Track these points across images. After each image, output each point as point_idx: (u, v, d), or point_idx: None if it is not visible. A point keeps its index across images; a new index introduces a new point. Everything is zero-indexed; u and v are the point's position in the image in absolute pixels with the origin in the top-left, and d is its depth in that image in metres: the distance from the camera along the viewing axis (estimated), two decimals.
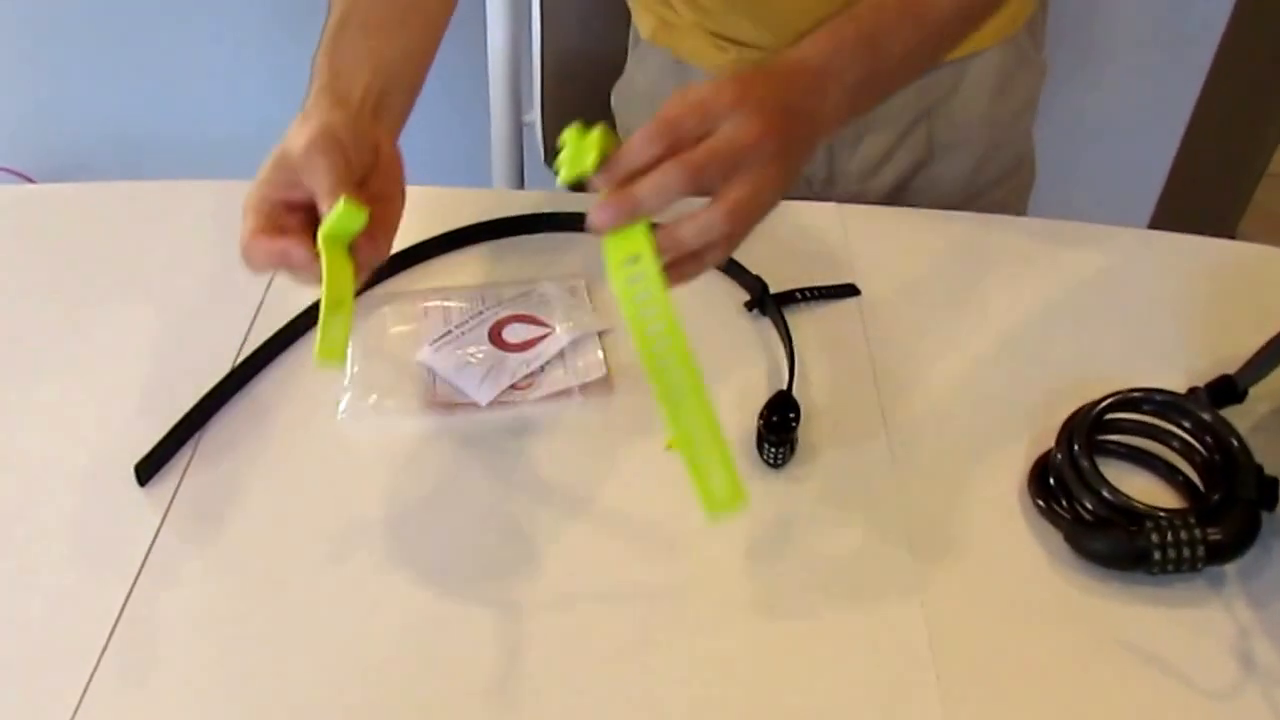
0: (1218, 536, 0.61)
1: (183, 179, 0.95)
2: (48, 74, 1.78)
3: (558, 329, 0.78)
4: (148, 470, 0.70)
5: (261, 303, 0.82)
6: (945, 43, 0.75)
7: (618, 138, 0.58)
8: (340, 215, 0.58)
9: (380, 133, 0.68)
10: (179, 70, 1.74)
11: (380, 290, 0.82)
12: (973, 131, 0.99)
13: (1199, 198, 1.71)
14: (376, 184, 0.65)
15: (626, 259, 0.56)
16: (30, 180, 1.86)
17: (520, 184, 1.46)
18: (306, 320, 0.80)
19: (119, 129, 1.82)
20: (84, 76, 1.77)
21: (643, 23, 1.03)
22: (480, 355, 0.76)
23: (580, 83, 1.20)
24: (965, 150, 1.00)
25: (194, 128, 1.77)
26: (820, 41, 0.66)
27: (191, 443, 0.72)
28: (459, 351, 0.76)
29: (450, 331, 0.78)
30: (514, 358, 0.76)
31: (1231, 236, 1.74)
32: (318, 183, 0.60)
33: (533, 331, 0.78)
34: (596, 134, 0.57)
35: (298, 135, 0.62)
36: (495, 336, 0.77)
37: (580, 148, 0.57)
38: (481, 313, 0.79)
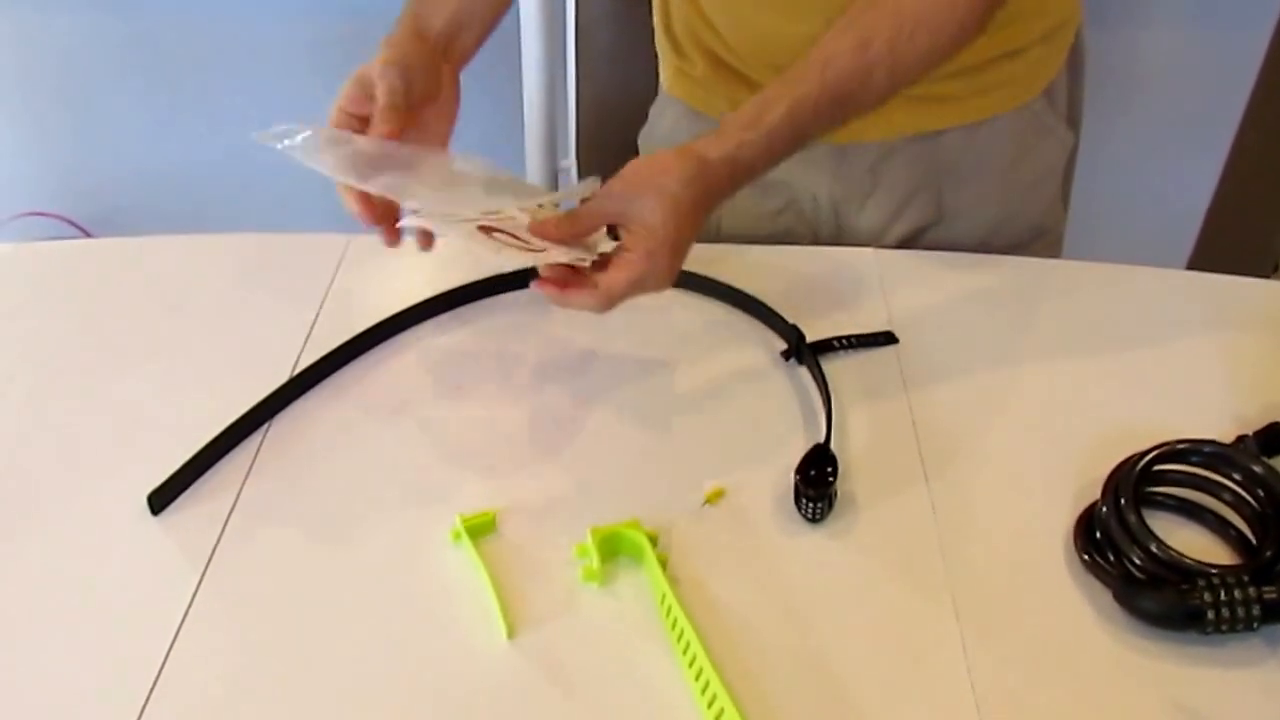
0: (1273, 595, 0.59)
1: (225, 232, 0.96)
2: (95, 119, 1.81)
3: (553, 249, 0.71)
4: (161, 500, 0.71)
5: (299, 356, 0.82)
6: (863, 113, 0.75)
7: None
8: (479, 518, 0.69)
9: (447, 67, 0.81)
10: (226, 114, 1.77)
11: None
12: (984, 199, 0.97)
13: (1238, 235, 1.69)
14: (434, 108, 0.79)
15: (660, 595, 0.64)
16: (74, 223, 1.90)
17: None
18: (330, 363, 0.81)
19: (165, 173, 1.85)
20: (131, 121, 1.81)
21: (664, 72, 1.04)
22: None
23: (614, 129, 1.21)
24: (975, 216, 0.98)
25: (241, 172, 1.80)
26: (756, 146, 0.72)
27: (233, 489, 0.72)
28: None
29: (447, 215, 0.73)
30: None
31: (1272, 272, 1.71)
32: (381, 95, 0.74)
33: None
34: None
35: (377, 58, 0.75)
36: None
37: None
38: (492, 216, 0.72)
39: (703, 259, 0.89)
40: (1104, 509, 0.67)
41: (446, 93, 0.81)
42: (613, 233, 0.72)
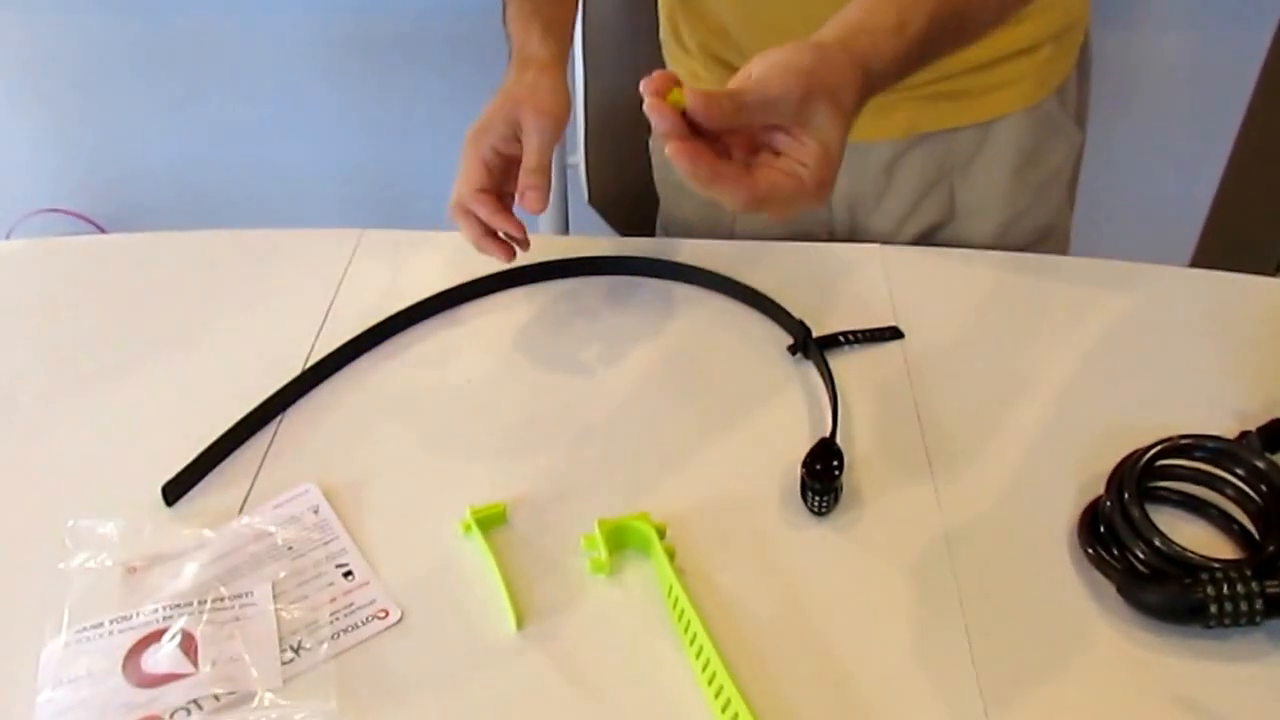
0: (1276, 590, 0.60)
1: (239, 228, 0.97)
2: (111, 117, 1.82)
3: (204, 670, 0.60)
4: (176, 491, 0.71)
5: (312, 350, 0.83)
6: (967, 44, 0.71)
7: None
8: (489, 510, 0.69)
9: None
10: (240, 112, 1.78)
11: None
12: (996, 197, 0.98)
13: (1241, 233, 1.69)
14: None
15: (667, 586, 0.65)
16: (90, 220, 1.91)
17: (565, 224, 1.48)
18: (342, 356, 0.83)
19: (180, 170, 1.86)
20: (146, 119, 1.82)
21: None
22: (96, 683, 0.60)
23: (622, 126, 1.22)
24: (988, 215, 0.99)
25: (255, 168, 1.81)
26: (896, 62, 0.65)
27: (247, 480, 0.73)
28: (78, 665, 0.61)
29: (100, 625, 0.62)
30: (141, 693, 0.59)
31: (1275, 270, 1.72)
32: (533, 153, 0.78)
33: (174, 664, 0.60)
34: None
35: (526, 98, 0.79)
36: (130, 658, 0.61)
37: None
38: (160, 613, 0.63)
39: (710, 254, 0.91)
40: (1108, 503, 0.67)
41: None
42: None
